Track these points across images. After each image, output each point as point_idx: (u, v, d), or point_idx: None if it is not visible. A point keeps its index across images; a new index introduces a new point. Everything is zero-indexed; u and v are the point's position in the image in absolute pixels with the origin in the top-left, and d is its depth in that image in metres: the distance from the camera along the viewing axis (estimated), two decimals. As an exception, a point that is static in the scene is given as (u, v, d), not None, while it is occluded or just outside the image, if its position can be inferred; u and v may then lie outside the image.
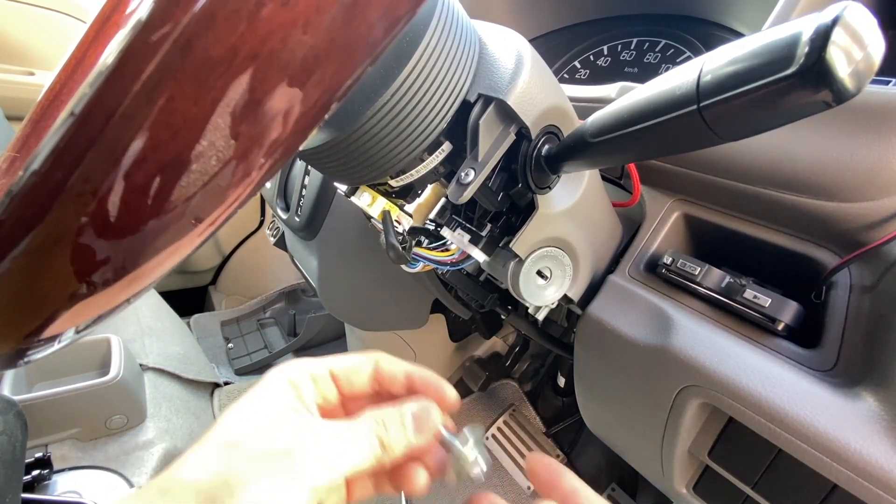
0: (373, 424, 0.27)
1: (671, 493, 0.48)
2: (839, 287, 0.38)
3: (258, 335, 1.61)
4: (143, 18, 0.15)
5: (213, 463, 0.24)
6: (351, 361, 0.31)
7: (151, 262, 0.19)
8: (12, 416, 0.64)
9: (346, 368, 0.30)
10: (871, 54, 0.17)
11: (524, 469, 1.07)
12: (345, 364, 0.30)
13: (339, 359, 0.31)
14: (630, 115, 0.25)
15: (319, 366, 0.30)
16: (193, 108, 0.16)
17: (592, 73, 0.78)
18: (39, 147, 0.16)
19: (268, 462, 0.24)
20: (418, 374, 0.31)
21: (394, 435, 0.27)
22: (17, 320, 0.19)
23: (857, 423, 0.31)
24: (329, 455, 0.25)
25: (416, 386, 0.31)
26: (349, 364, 0.30)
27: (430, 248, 0.42)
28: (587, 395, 0.55)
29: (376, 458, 0.27)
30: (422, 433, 0.28)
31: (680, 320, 0.40)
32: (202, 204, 0.18)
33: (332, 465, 0.25)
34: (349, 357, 0.31)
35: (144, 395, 1.04)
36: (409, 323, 0.92)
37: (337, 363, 0.30)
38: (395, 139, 0.31)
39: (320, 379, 0.29)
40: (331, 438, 0.26)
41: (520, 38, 0.35)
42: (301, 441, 0.25)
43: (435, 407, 0.29)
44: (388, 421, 0.28)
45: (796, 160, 0.38)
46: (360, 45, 0.18)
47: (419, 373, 0.31)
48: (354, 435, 0.26)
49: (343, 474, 0.25)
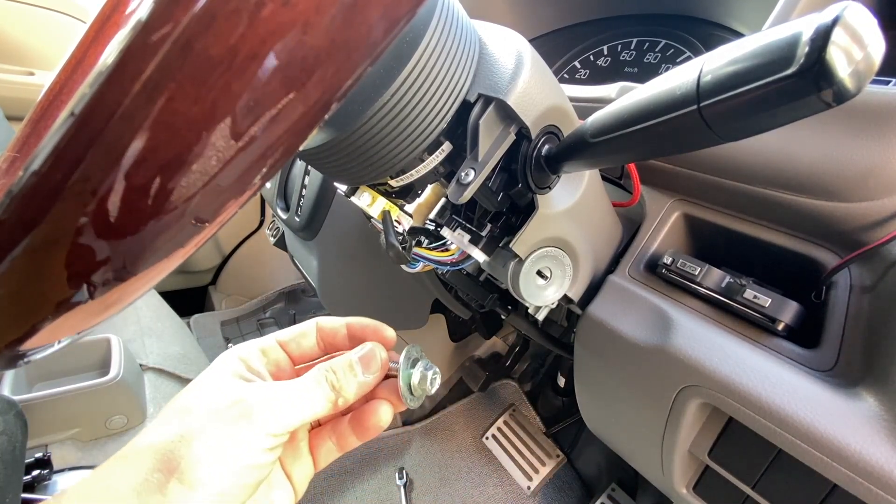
0: (322, 372, 0.29)
1: (671, 494, 0.48)
2: (839, 287, 0.38)
3: (258, 335, 1.60)
4: (143, 18, 0.15)
5: (167, 426, 0.25)
6: (296, 328, 0.33)
7: (151, 262, 0.19)
8: (12, 417, 0.64)
9: (294, 335, 0.32)
10: (871, 54, 0.17)
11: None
12: (290, 332, 0.33)
13: (284, 330, 0.33)
14: (630, 115, 0.25)
15: (267, 339, 0.32)
16: (193, 108, 0.16)
17: (592, 73, 0.78)
18: (39, 147, 0.16)
19: (221, 413, 0.25)
20: (356, 322, 0.33)
21: (343, 378, 0.29)
22: (17, 318, 0.19)
23: (857, 423, 0.31)
24: (283, 403, 0.26)
25: (357, 333, 0.33)
26: (295, 331, 0.33)
27: (430, 248, 0.42)
28: (587, 395, 0.55)
29: (330, 402, 0.28)
30: (370, 371, 0.30)
31: (680, 320, 0.40)
32: (202, 204, 0.18)
33: (288, 412, 0.26)
34: (294, 326, 0.33)
35: (144, 396, 1.04)
36: (409, 323, 0.92)
37: (282, 333, 0.33)
38: (395, 139, 0.31)
39: (269, 350, 0.31)
40: (283, 389, 0.27)
41: (520, 38, 0.35)
42: (254, 395, 0.26)
43: (379, 346, 0.32)
44: (337, 366, 0.29)
45: (796, 160, 0.38)
46: (360, 46, 0.18)
47: (357, 320, 0.33)
48: (306, 383, 0.28)
49: (301, 419, 0.27)
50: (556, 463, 1.10)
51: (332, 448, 0.32)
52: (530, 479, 1.08)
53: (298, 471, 0.31)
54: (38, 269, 0.18)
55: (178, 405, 0.26)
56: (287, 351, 0.32)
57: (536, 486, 1.07)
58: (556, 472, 1.09)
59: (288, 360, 0.32)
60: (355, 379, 0.29)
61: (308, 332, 0.33)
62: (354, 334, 0.33)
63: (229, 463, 0.24)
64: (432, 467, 1.13)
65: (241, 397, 0.26)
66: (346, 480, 1.10)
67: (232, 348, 0.30)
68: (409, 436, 1.19)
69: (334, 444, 0.32)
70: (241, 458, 0.24)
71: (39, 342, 0.21)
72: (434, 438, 1.19)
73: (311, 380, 0.28)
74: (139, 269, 0.19)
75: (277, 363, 0.31)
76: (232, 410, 0.25)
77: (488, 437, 1.17)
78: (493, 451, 1.15)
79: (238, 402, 0.26)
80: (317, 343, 0.33)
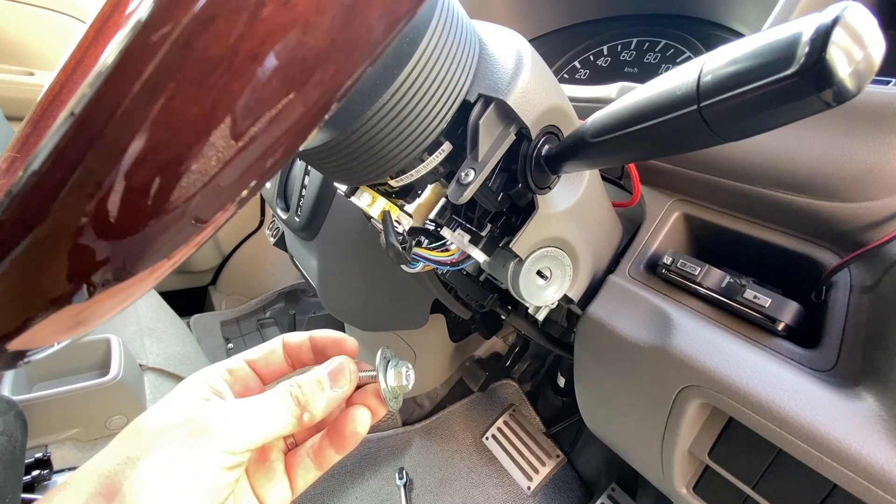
0: (286, 386, 0.28)
1: (671, 494, 0.48)
2: (839, 287, 0.38)
3: (258, 335, 1.61)
4: (143, 18, 0.15)
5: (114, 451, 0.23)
6: (263, 346, 0.33)
7: (151, 262, 0.19)
8: (12, 417, 0.64)
9: (262, 353, 0.32)
10: (871, 54, 0.17)
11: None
12: (258, 351, 0.32)
13: (251, 349, 0.32)
14: (630, 115, 0.25)
15: (234, 359, 0.31)
16: (193, 108, 0.16)
17: (592, 73, 0.78)
18: (39, 147, 0.16)
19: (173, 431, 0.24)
20: (318, 335, 0.33)
21: (310, 393, 0.28)
22: (16, 316, 0.19)
23: (857, 423, 0.31)
24: (242, 419, 0.25)
25: (320, 346, 0.33)
26: (263, 349, 0.32)
27: (430, 249, 0.42)
28: (587, 395, 0.54)
29: (295, 417, 0.27)
30: (339, 385, 0.29)
31: (680, 320, 0.40)
32: (202, 204, 0.18)
33: (248, 428, 0.25)
34: (261, 344, 0.33)
35: (144, 396, 1.04)
36: (409, 323, 0.92)
37: (251, 352, 0.32)
38: (395, 139, 0.31)
39: (236, 369, 0.31)
40: (243, 406, 0.26)
41: (520, 38, 0.35)
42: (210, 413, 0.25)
43: (349, 359, 0.31)
44: (303, 381, 0.29)
45: (796, 160, 0.38)
46: (360, 46, 0.18)
47: (319, 334, 0.33)
48: (268, 398, 0.27)
49: (263, 436, 0.25)
50: (556, 463, 1.10)
51: (309, 466, 0.30)
52: (530, 479, 1.08)
53: (273, 494, 0.29)
54: (39, 270, 0.18)
55: (129, 428, 0.25)
56: (255, 369, 0.31)
57: (536, 486, 1.07)
58: (556, 472, 1.09)
59: (257, 379, 0.31)
60: (323, 394, 0.28)
61: (276, 349, 0.32)
62: (317, 348, 0.33)
63: (181, 484, 0.22)
64: (432, 467, 1.13)
65: (196, 414, 0.25)
66: (346, 480, 1.10)
67: (197, 371, 0.29)
68: (409, 436, 1.19)
69: (312, 462, 0.30)
70: (195, 479, 0.23)
71: (39, 342, 0.21)
72: (434, 438, 1.19)
73: (275, 395, 0.27)
74: (139, 269, 0.19)
75: (245, 383, 0.30)
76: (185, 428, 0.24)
77: (488, 438, 1.17)
78: (493, 451, 1.15)
79: (192, 419, 0.24)
80: (285, 360, 0.32)
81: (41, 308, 0.19)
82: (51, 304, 0.19)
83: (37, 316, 0.19)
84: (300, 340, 0.33)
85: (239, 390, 0.30)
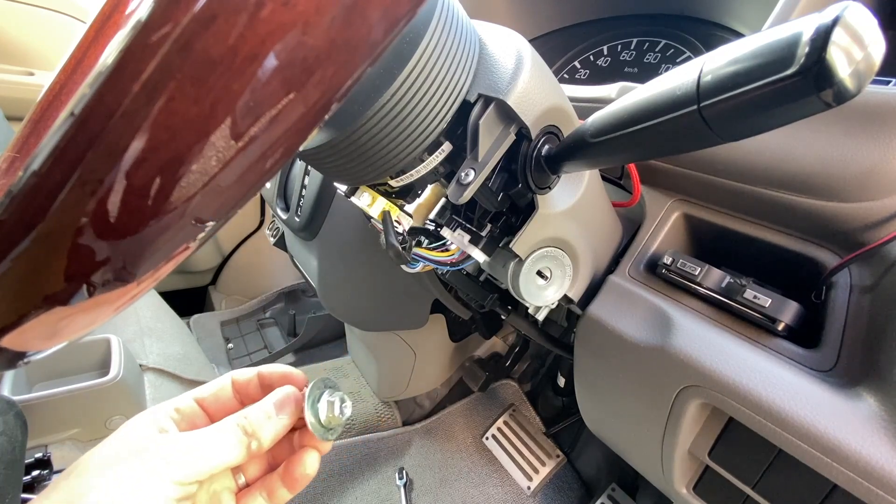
0: (235, 417, 0.29)
1: (671, 494, 0.48)
2: (839, 287, 0.38)
3: (258, 335, 1.61)
4: (143, 19, 0.15)
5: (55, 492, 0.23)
6: (213, 384, 0.33)
7: (151, 262, 0.19)
8: (12, 417, 0.64)
9: (211, 392, 0.32)
10: (871, 54, 0.17)
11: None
12: (207, 389, 0.32)
13: (200, 387, 0.33)
14: (630, 115, 0.25)
15: (183, 397, 0.31)
16: (193, 108, 0.16)
17: (592, 73, 0.78)
18: (39, 147, 0.16)
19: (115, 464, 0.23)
20: (267, 370, 0.33)
21: (257, 422, 0.29)
22: (16, 314, 0.19)
23: (858, 423, 0.31)
24: (192, 450, 0.25)
25: (267, 381, 0.33)
26: (212, 388, 0.33)
27: (430, 249, 0.42)
28: (587, 395, 0.54)
29: (243, 446, 0.28)
30: (285, 413, 0.30)
31: (680, 320, 0.40)
32: (202, 204, 0.18)
33: (196, 457, 0.25)
34: (210, 382, 0.33)
35: (144, 396, 1.04)
36: (409, 323, 0.92)
37: (199, 390, 0.32)
38: (395, 139, 0.31)
39: (184, 409, 0.31)
40: (191, 436, 0.26)
41: (520, 38, 0.35)
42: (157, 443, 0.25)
43: (292, 388, 0.32)
44: (250, 412, 0.29)
45: (796, 160, 0.38)
46: (360, 46, 0.18)
47: (267, 368, 0.33)
48: (217, 429, 0.28)
49: (211, 466, 0.26)
50: (556, 463, 1.10)
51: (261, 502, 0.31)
52: (530, 479, 1.08)
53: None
54: (39, 270, 0.18)
55: (72, 467, 0.24)
56: (204, 407, 0.32)
57: (536, 486, 1.07)
58: (556, 472, 1.09)
59: (204, 417, 0.31)
60: (270, 422, 0.29)
61: (224, 387, 0.33)
62: (265, 383, 0.33)
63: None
64: (432, 467, 1.13)
65: (143, 446, 0.24)
66: (346, 480, 1.10)
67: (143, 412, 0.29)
68: (409, 436, 1.19)
69: (265, 500, 0.31)
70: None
71: (42, 345, 0.21)
72: (434, 438, 1.19)
73: (222, 425, 0.28)
74: (139, 269, 0.19)
75: (192, 421, 0.30)
76: (131, 461, 0.23)
77: (488, 438, 1.17)
78: (493, 451, 1.15)
79: (139, 451, 0.24)
80: (233, 396, 0.33)
81: (41, 307, 0.19)
82: (51, 304, 0.19)
83: (36, 314, 0.19)
84: (248, 377, 0.33)
85: (185, 428, 0.30)
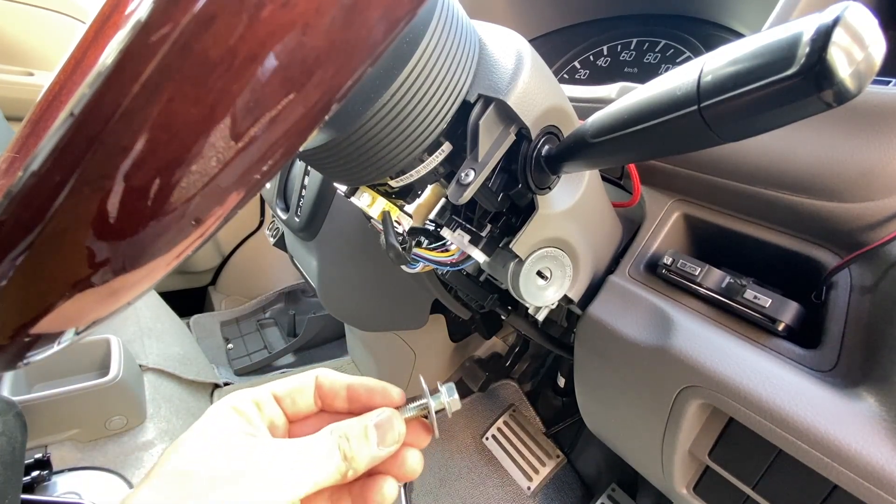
0: (335, 438, 0.26)
1: (671, 494, 0.48)
2: (839, 287, 0.38)
3: (258, 335, 1.61)
4: (143, 19, 0.15)
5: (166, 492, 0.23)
6: (292, 382, 0.30)
7: (151, 263, 0.19)
8: (12, 417, 0.64)
9: (289, 389, 0.30)
10: (871, 55, 0.17)
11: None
12: (286, 386, 0.30)
13: (279, 382, 0.30)
14: (630, 115, 0.25)
15: (261, 391, 0.29)
16: (193, 109, 0.16)
17: (592, 73, 0.78)
18: (39, 148, 0.16)
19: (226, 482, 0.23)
20: (360, 384, 0.30)
21: (356, 446, 0.26)
22: (18, 315, 0.19)
23: (858, 424, 0.31)
24: (292, 471, 0.24)
25: (359, 397, 0.30)
26: (291, 385, 0.30)
27: (430, 249, 0.41)
28: (587, 395, 0.54)
29: (340, 473, 0.26)
30: (386, 444, 0.28)
31: (680, 321, 0.40)
32: (202, 205, 0.18)
33: (297, 481, 0.24)
34: (289, 378, 0.30)
35: (144, 396, 1.04)
36: (409, 323, 0.92)
37: (278, 386, 0.30)
38: (394, 140, 0.31)
39: (264, 403, 0.29)
40: (289, 456, 0.25)
41: (520, 39, 0.35)
42: (257, 462, 0.24)
43: (397, 416, 0.29)
44: (351, 433, 0.27)
45: (796, 160, 0.38)
46: (360, 47, 0.18)
47: (360, 382, 0.30)
48: (316, 449, 0.26)
49: (308, 490, 0.24)
50: (556, 463, 1.10)
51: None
52: (530, 480, 1.08)
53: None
54: (38, 270, 0.18)
55: (176, 467, 0.24)
56: (282, 407, 0.29)
57: (536, 486, 1.07)
58: (556, 473, 1.09)
59: (283, 417, 0.29)
60: (369, 449, 0.27)
61: (305, 389, 0.30)
62: (357, 398, 0.30)
63: None
64: (432, 467, 1.13)
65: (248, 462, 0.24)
66: (346, 481, 1.10)
67: (225, 399, 0.28)
68: (409, 436, 1.19)
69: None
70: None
71: (41, 341, 0.21)
72: (434, 438, 1.19)
73: (323, 445, 0.26)
74: (138, 269, 0.19)
75: (272, 420, 0.29)
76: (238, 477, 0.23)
77: (488, 438, 1.17)
78: (493, 451, 1.15)
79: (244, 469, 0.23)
80: (314, 401, 0.30)
81: (41, 306, 0.19)
82: (50, 303, 0.19)
83: (38, 313, 0.19)
84: (336, 387, 0.30)
85: (268, 427, 0.28)
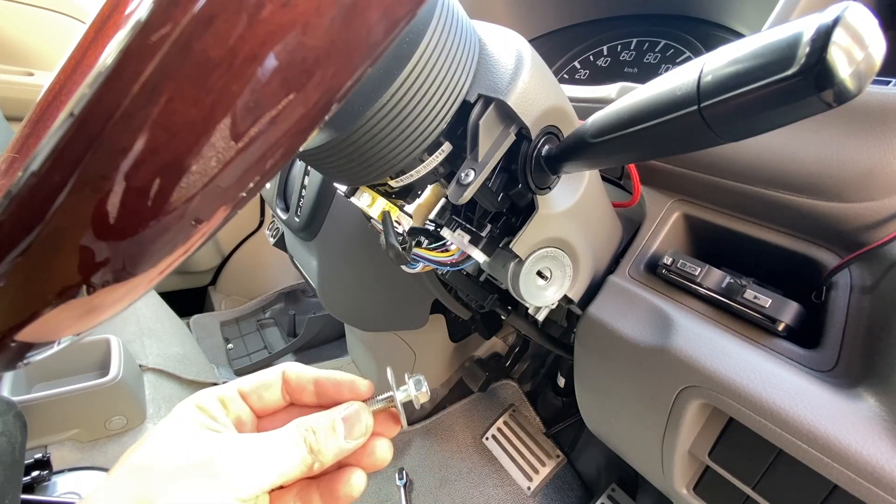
0: (301, 430, 0.27)
1: (671, 494, 0.48)
2: (839, 287, 0.38)
3: (258, 336, 1.61)
4: (143, 19, 0.15)
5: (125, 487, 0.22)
6: (259, 377, 0.30)
7: (151, 263, 0.19)
8: (12, 417, 0.64)
9: (255, 385, 0.30)
10: (872, 55, 0.17)
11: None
12: (252, 381, 0.30)
13: (245, 378, 0.30)
14: (630, 115, 0.25)
15: (227, 388, 0.29)
16: (193, 109, 0.16)
17: (592, 73, 0.78)
18: (39, 148, 0.16)
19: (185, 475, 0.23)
20: (326, 378, 0.30)
21: (323, 439, 0.27)
22: (17, 316, 0.19)
23: (858, 424, 0.31)
24: (255, 464, 0.24)
25: (327, 390, 0.30)
26: (257, 380, 0.30)
27: (430, 249, 0.41)
28: (587, 395, 0.54)
29: (305, 465, 0.26)
30: (353, 436, 0.28)
31: (680, 321, 0.40)
32: (202, 205, 0.18)
33: (259, 474, 0.24)
34: (256, 374, 0.30)
35: (144, 396, 1.04)
36: (409, 323, 0.92)
37: (244, 382, 0.30)
38: (394, 140, 0.31)
39: (229, 400, 0.29)
40: (255, 447, 0.25)
41: (520, 39, 0.35)
42: (218, 455, 0.24)
43: (365, 409, 0.29)
44: (317, 426, 0.27)
45: (796, 160, 0.38)
46: (360, 47, 0.18)
47: (327, 376, 0.30)
48: (281, 441, 0.26)
49: (272, 482, 0.24)
50: (556, 463, 1.10)
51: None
52: (530, 480, 1.08)
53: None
54: (38, 270, 0.18)
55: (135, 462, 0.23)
56: (248, 403, 0.29)
57: (536, 486, 1.07)
58: (556, 473, 1.09)
59: (250, 413, 0.29)
60: (336, 441, 0.27)
61: (272, 384, 0.30)
62: (325, 392, 0.30)
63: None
64: (432, 468, 1.13)
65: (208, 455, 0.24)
66: (346, 481, 1.10)
67: (190, 397, 0.27)
68: (409, 436, 1.19)
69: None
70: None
71: (42, 337, 0.21)
72: (434, 439, 1.19)
73: (288, 438, 0.26)
74: (139, 270, 0.19)
75: (238, 416, 0.28)
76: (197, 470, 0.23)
77: (488, 438, 1.17)
78: (493, 451, 1.15)
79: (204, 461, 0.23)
80: (281, 395, 0.30)
81: (41, 306, 0.19)
82: (50, 303, 0.19)
83: (40, 312, 0.19)
84: (303, 381, 0.30)
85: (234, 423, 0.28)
